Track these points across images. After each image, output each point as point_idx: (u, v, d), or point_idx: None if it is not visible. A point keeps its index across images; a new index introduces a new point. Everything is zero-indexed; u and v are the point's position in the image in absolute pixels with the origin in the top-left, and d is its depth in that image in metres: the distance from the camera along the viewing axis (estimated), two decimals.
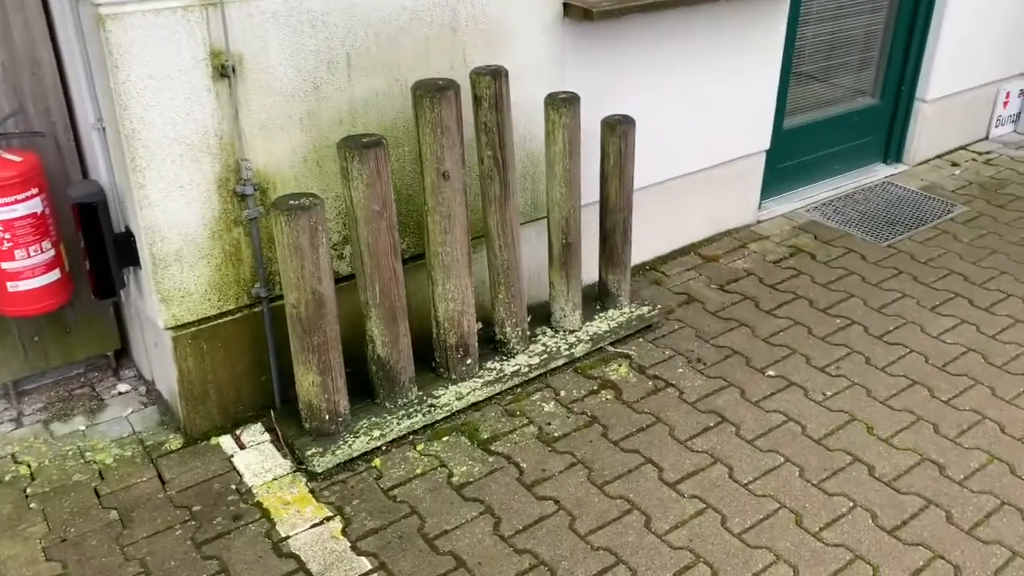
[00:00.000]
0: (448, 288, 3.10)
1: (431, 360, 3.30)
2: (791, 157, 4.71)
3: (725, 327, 3.70)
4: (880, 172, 5.16)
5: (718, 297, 3.91)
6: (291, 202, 2.67)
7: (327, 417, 2.94)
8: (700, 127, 4.03)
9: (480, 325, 3.59)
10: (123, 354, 3.48)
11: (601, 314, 3.65)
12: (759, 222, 4.58)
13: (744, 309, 3.83)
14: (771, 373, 3.41)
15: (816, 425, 3.12)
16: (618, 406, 3.22)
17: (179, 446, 3.06)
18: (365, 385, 3.15)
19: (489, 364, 3.34)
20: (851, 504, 2.77)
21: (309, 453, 2.90)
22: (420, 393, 3.18)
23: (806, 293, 3.94)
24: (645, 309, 3.68)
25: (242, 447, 3.05)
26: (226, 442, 3.07)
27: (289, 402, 3.16)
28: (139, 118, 2.58)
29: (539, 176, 3.56)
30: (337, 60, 2.88)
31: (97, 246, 2.75)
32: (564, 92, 3.23)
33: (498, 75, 2.97)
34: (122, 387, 3.35)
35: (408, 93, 3.07)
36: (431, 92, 2.82)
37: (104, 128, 2.75)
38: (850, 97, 4.96)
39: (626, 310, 3.67)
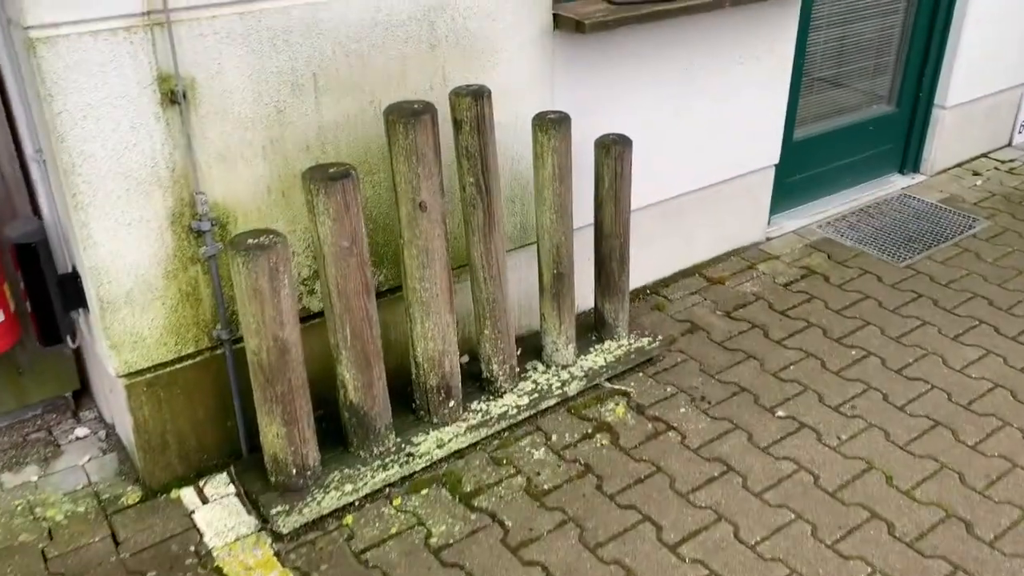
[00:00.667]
0: (427, 327, 2.85)
1: (411, 401, 3.06)
2: (801, 170, 4.43)
3: (732, 360, 3.43)
4: (896, 183, 4.88)
5: (724, 325, 3.65)
6: (249, 241, 2.43)
7: (294, 471, 2.70)
8: (704, 142, 3.76)
9: (466, 359, 3.35)
10: (83, 393, 3.25)
11: (597, 346, 3.39)
12: (768, 240, 4.31)
13: (752, 339, 3.56)
14: (781, 413, 3.14)
15: (830, 475, 2.86)
16: (614, 453, 2.96)
17: (137, 500, 2.82)
18: (339, 430, 2.90)
19: (474, 404, 3.09)
20: (869, 570, 2.51)
21: (275, 512, 2.66)
22: (398, 440, 2.93)
23: (819, 320, 3.67)
24: (645, 341, 3.42)
25: (205, 501, 2.81)
26: (188, 495, 2.83)
27: (257, 449, 2.92)
28: (78, 151, 2.33)
29: (529, 199, 3.30)
30: (302, 82, 2.63)
31: (39, 289, 2.52)
32: (553, 112, 2.96)
33: (480, 96, 2.72)
34: (80, 431, 3.11)
35: (380, 116, 2.82)
36: (405, 117, 2.57)
37: (44, 160, 2.51)
38: (865, 105, 4.68)
39: (624, 342, 3.41)
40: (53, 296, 2.51)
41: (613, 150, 3.09)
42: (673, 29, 3.42)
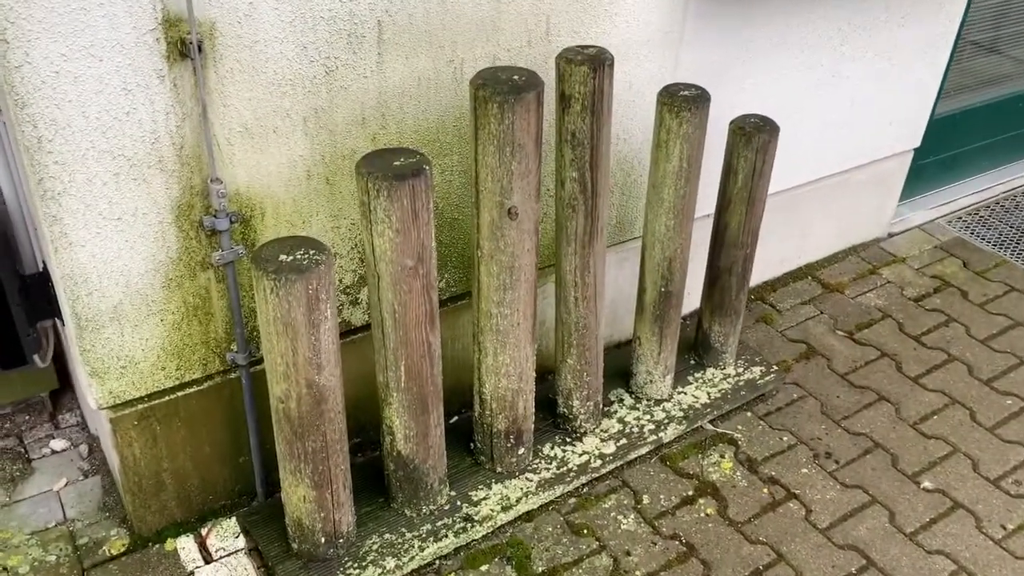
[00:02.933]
0: (501, 361, 2.20)
1: (470, 440, 2.44)
2: (934, 152, 3.69)
3: (860, 400, 2.79)
4: None
5: (847, 350, 2.99)
6: (282, 257, 1.76)
7: (323, 540, 2.10)
8: (841, 122, 3.02)
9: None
10: (64, 392, 2.64)
11: (697, 375, 2.75)
12: (891, 236, 3.60)
13: (883, 372, 2.90)
14: (928, 485, 2.51)
15: None
16: (722, 527, 2.35)
17: (122, 549, 2.24)
18: (377, 473, 2.30)
19: (547, 448, 2.47)
20: None
21: None
22: (452, 494, 2.32)
23: (962, 353, 3.00)
24: (757, 372, 2.77)
25: (208, 558, 2.22)
26: (187, 547, 2.24)
27: (275, 493, 2.32)
28: (47, 120, 1.65)
29: (631, 189, 2.61)
30: (363, 32, 1.91)
31: None
32: (687, 87, 2.24)
33: (600, 64, 2.00)
34: (57, 443, 2.51)
35: (463, 80, 2.11)
36: (502, 94, 1.86)
37: (2, 122, 1.83)
38: (1018, 76, 3.88)
39: (731, 371, 2.77)
40: (13, 308, 1.86)
41: (756, 139, 2.37)
42: None
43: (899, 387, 2.85)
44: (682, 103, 2.19)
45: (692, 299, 2.93)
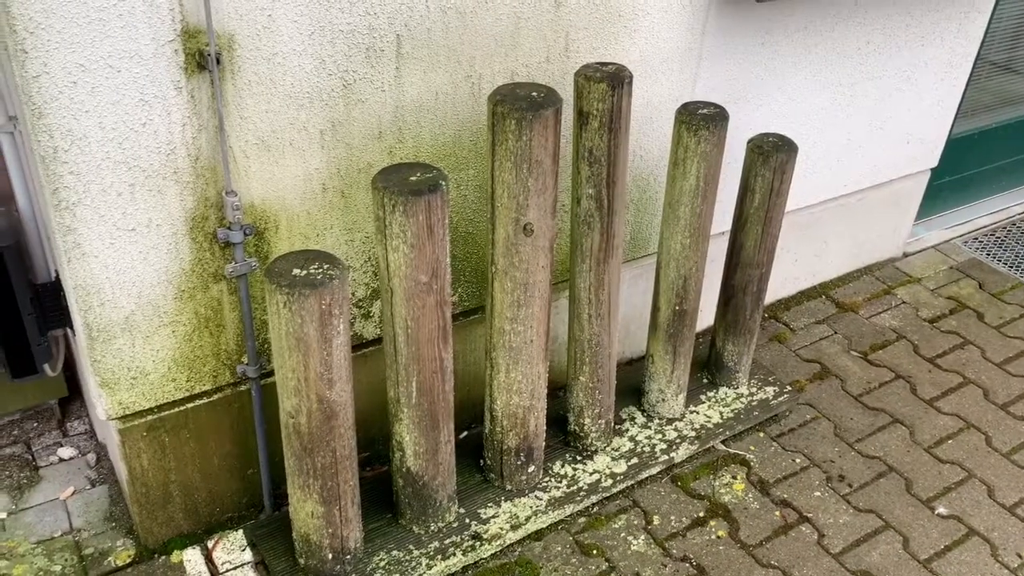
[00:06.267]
0: (513, 378, 2.18)
1: (479, 457, 2.42)
2: (951, 172, 3.66)
3: (873, 422, 2.76)
4: None
5: (861, 371, 2.96)
6: (295, 271, 1.74)
7: (330, 556, 2.08)
8: (859, 141, 3.00)
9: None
10: (73, 399, 2.63)
11: (710, 394, 2.72)
12: (906, 255, 3.57)
13: (897, 394, 2.87)
14: (942, 511, 2.48)
15: None
16: (734, 550, 2.32)
17: (128, 560, 2.22)
18: (385, 489, 2.28)
19: (557, 466, 2.45)
20: None
21: None
22: (461, 511, 2.30)
23: (978, 376, 2.97)
24: (770, 392, 2.75)
25: (214, 571, 2.20)
26: (193, 559, 2.23)
27: (283, 506, 2.31)
28: (63, 131, 1.64)
29: (647, 205, 2.59)
30: (381, 46, 1.90)
31: (5, 305, 1.85)
32: (705, 105, 2.23)
33: (619, 82, 1.98)
34: (65, 451, 2.50)
35: (481, 95, 2.09)
36: (520, 111, 1.85)
37: (18, 131, 1.82)
38: None
39: (744, 391, 2.74)
40: (25, 317, 1.85)
41: (774, 159, 2.35)
42: (850, 2, 2.64)
43: (914, 410, 2.82)
44: (700, 121, 2.17)
45: (706, 316, 2.91)
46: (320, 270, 1.76)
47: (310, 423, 1.87)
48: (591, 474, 2.43)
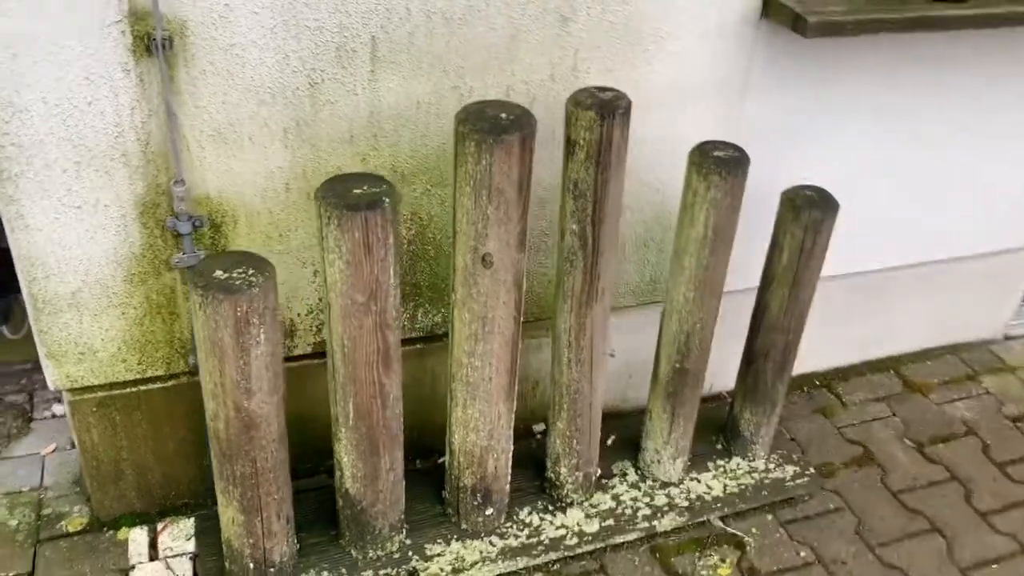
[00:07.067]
0: (471, 414, 2.03)
1: (442, 487, 2.28)
2: None
3: (906, 526, 2.41)
4: None
5: (911, 464, 2.59)
6: (217, 272, 1.66)
7: (251, 566, 2.00)
8: (943, 204, 2.62)
9: (542, 426, 2.52)
10: None
11: (720, 462, 2.46)
12: (1007, 339, 3.12)
13: (946, 498, 2.50)
14: None
15: None
16: None
17: (79, 528, 2.24)
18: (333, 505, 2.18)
19: (524, 513, 2.27)
20: None
21: None
22: (408, 542, 2.17)
23: None
24: (790, 471, 2.45)
25: (154, 555, 2.18)
26: (138, 539, 2.21)
27: None
28: (4, 102, 1.63)
29: (668, 244, 2.35)
30: (353, 46, 1.79)
31: None
32: (724, 147, 1.98)
33: (610, 111, 1.78)
34: (59, 408, 2.56)
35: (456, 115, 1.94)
36: (480, 133, 1.69)
37: None
38: None
39: (759, 465, 2.46)
40: None
41: (805, 215, 2.07)
42: (944, 43, 2.28)
43: (961, 520, 2.44)
44: (712, 165, 1.93)
45: (731, 375, 2.63)
46: (243, 275, 1.67)
47: (228, 430, 1.80)
48: (557, 528, 2.24)
